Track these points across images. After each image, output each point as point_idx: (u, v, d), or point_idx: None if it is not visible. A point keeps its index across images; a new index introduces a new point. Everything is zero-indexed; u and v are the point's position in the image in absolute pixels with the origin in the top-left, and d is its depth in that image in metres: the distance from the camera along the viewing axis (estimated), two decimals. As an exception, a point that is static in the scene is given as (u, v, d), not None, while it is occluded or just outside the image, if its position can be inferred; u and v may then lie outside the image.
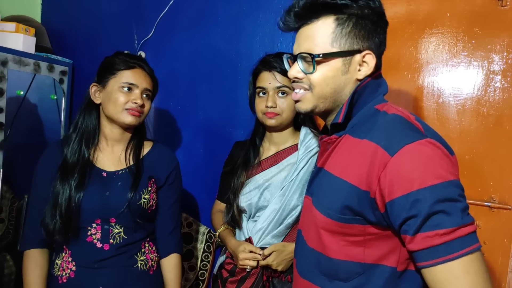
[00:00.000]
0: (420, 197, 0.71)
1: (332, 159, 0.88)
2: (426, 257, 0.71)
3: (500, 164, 1.32)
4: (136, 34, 2.06)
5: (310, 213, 0.91)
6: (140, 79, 1.31)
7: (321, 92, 0.88)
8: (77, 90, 2.27)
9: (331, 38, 0.85)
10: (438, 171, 0.72)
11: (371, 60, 0.85)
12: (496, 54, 1.32)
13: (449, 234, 0.69)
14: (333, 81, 0.87)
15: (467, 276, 0.69)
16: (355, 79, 0.87)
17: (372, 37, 0.86)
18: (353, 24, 0.84)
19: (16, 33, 1.95)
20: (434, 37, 1.42)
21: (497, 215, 1.32)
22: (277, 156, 1.41)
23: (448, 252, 0.69)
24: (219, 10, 1.85)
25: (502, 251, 1.31)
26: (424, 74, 1.43)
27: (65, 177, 1.27)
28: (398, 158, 0.73)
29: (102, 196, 1.28)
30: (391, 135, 0.77)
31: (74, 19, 2.30)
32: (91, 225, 1.28)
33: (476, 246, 0.70)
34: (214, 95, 1.88)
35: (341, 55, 0.85)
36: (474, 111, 1.36)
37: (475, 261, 0.69)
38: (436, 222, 0.70)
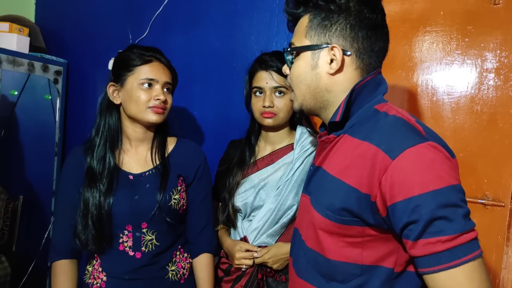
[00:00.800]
0: (421, 202, 0.70)
1: (331, 159, 0.86)
2: (428, 264, 0.70)
3: (494, 161, 1.32)
4: (131, 34, 2.05)
5: (308, 213, 0.90)
6: (159, 73, 1.24)
7: (297, 89, 0.90)
8: (71, 90, 2.26)
9: (305, 32, 0.87)
10: (439, 175, 0.71)
11: (337, 53, 0.84)
12: (489, 52, 1.33)
13: (452, 241, 0.68)
14: (304, 76, 0.88)
15: (471, 283, 0.68)
16: (326, 73, 0.86)
17: (343, 31, 0.84)
18: (322, 18, 0.85)
19: (9, 33, 1.94)
20: (428, 35, 1.42)
21: (491, 212, 1.33)
22: (273, 155, 1.41)
23: (451, 259, 0.68)
24: (214, 9, 1.85)
25: (496, 248, 1.32)
26: (418, 73, 1.44)
27: (93, 184, 1.22)
28: (399, 162, 0.72)
29: (132, 200, 1.23)
30: (392, 138, 0.75)
31: (68, 19, 2.29)
32: (123, 232, 1.23)
33: (478, 253, 0.69)
34: (209, 94, 1.87)
35: (308, 48, 0.86)
36: (468, 109, 1.37)
37: (478, 268, 0.69)
38: (438, 228, 0.69)
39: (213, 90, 1.86)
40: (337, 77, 0.86)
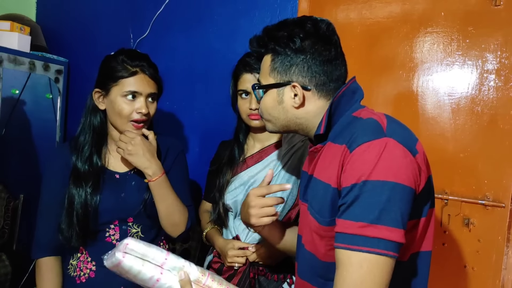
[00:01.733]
0: (353, 188, 0.76)
1: (319, 166, 0.93)
2: (337, 240, 0.78)
3: (494, 162, 1.32)
4: (132, 33, 2.05)
5: (306, 219, 0.95)
6: (143, 85, 1.25)
7: (266, 118, 1.00)
8: (72, 89, 2.26)
9: (268, 71, 0.96)
10: (380, 169, 0.75)
11: (298, 91, 0.91)
12: (490, 53, 1.33)
13: (360, 228, 0.74)
14: (272, 109, 0.97)
15: (358, 269, 0.74)
16: (292, 107, 0.93)
17: (301, 70, 0.91)
18: (281, 60, 0.93)
19: (11, 31, 1.95)
20: (428, 36, 1.42)
21: (491, 213, 1.33)
22: (262, 152, 1.43)
23: (352, 243, 0.75)
24: (215, 9, 1.85)
25: (496, 248, 1.32)
26: (419, 73, 1.44)
27: (78, 183, 1.25)
28: (353, 154, 0.79)
29: (118, 198, 1.28)
30: (355, 135, 0.81)
31: (69, 18, 2.29)
32: (109, 227, 1.28)
33: (380, 252, 0.73)
34: (210, 94, 1.88)
35: (274, 86, 0.95)
36: (468, 110, 1.37)
37: (373, 262, 0.73)
38: (352, 213, 0.76)
39: (214, 90, 1.87)
40: (301, 109, 0.94)
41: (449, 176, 1.39)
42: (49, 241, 1.28)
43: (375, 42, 1.51)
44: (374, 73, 1.51)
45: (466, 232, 1.37)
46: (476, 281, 1.35)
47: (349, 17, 1.56)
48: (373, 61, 1.51)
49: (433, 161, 1.39)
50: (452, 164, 1.38)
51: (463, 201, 1.37)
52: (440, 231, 1.41)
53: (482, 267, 1.34)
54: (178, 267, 0.89)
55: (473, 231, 1.36)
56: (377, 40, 1.50)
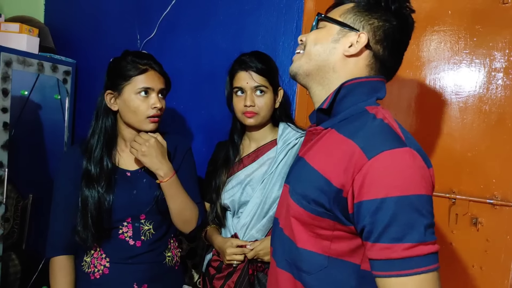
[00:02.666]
0: (384, 206, 0.71)
1: (314, 151, 0.88)
2: (382, 268, 0.72)
3: (502, 161, 1.32)
4: (139, 34, 2.07)
5: (286, 201, 0.92)
6: (155, 81, 1.30)
7: (308, 49, 0.91)
8: (80, 90, 2.28)
9: (343, 12, 0.90)
10: (409, 182, 0.72)
11: (363, 39, 0.86)
12: (498, 52, 1.32)
13: (407, 250, 0.69)
14: (321, 42, 0.90)
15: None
16: (342, 53, 0.88)
17: (378, 31, 0.87)
18: (366, 10, 0.88)
19: (19, 33, 1.97)
20: (435, 35, 1.42)
21: (499, 213, 1.32)
22: (257, 151, 1.44)
23: (403, 267, 0.69)
24: (221, 9, 1.86)
25: (504, 248, 1.31)
26: (426, 72, 1.44)
27: (91, 185, 1.28)
28: (374, 163, 0.73)
29: (131, 195, 1.32)
30: (372, 139, 0.77)
31: (77, 19, 2.31)
32: (122, 224, 1.32)
33: (433, 267, 0.70)
34: (216, 94, 1.88)
35: (339, 24, 0.89)
36: (476, 108, 1.36)
37: (429, 281, 0.70)
38: (396, 234, 0.70)
39: (220, 90, 1.86)
40: (349, 61, 0.88)
41: (457, 175, 1.38)
42: (62, 240, 1.31)
43: (382, 41, 1.50)
44: (380, 72, 1.50)
45: (474, 231, 1.36)
46: (484, 281, 1.34)
47: (356, 16, 1.55)
48: (379, 60, 1.51)
49: (441, 160, 1.40)
50: (460, 163, 1.38)
51: (471, 201, 1.36)
52: (448, 230, 1.40)
53: (490, 267, 1.33)
54: None
55: (481, 231, 1.35)
56: (384, 39, 1.50)
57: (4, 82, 1.82)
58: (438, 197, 1.40)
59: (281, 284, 0.91)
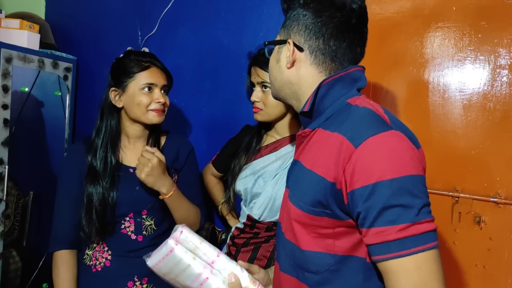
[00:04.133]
0: (377, 190, 0.71)
1: (306, 152, 0.89)
2: (379, 251, 0.72)
3: (507, 159, 1.30)
4: (140, 30, 2.06)
5: (286, 205, 0.92)
6: (158, 77, 1.35)
7: (270, 80, 0.97)
8: (81, 87, 2.27)
9: (281, 28, 0.94)
10: (399, 164, 0.72)
11: (292, 49, 0.88)
12: (503, 48, 1.31)
13: (403, 231, 0.69)
14: (271, 69, 0.95)
15: (419, 272, 0.69)
16: (285, 66, 0.91)
17: (300, 30, 0.88)
18: (288, 17, 0.91)
19: (20, 29, 1.96)
20: (440, 31, 1.40)
21: (503, 211, 1.31)
22: (276, 143, 1.43)
23: (400, 248, 0.70)
24: (222, 6, 1.85)
25: (508, 247, 1.30)
26: (430, 69, 1.42)
27: (95, 181, 1.32)
28: (361, 150, 0.74)
29: (133, 191, 1.34)
30: (357, 127, 0.77)
31: (78, 16, 2.30)
32: (125, 219, 1.35)
33: (431, 245, 0.70)
34: (218, 91, 1.87)
35: (276, 43, 0.93)
36: (480, 106, 1.35)
37: (429, 259, 0.70)
38: (390, 217, 0.70)
39: (222, 87, 1.86)
40: (294, 70, 0.90)
41: (460, 173, 1.37)
42: (66, 234, 1.34)
43: (385, 37, 1.49)
44: (384, 69, 1.49)
45: (477, 230, 1.35)
46: (488, 280, 1.34)
47: (359, 12, 1.54)
48: (383, 57, 1.50)
49: (444, 158, 1.38)
50: (464, 161, 1.36)
51: (475, 199, 1.35)
52: (451, 229, 1.39)
53: (493, 266, 1.32)
54: (229, 270, 0.83)
55: (485, 229, 1.34)
56: (387, 35, 1.49)
57: (5, 78, 1.81)
58: (441, 195, 1.39)
59: (285, 287, 0.92)
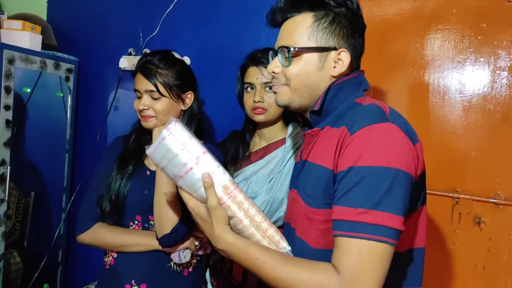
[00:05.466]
0: (351, 173, 0.74)
1: (315, 150, 0.90)
2: (335, 227, 0.75)
3: (506, 160, 1.31)
4: (142, 32, 2.06)
5: (297, 205, 0.93)
6: (140, 84, 1.31)
7: (296, 86, 0.91)
8: (83, 88, 2.28)
9: (308, 32, 0.88)
10: (381, 154, 0.73)
11: (346, 58, 0.88)
12: (503, 50, 1.31)
13: (358, 215, 0.72)
14: (308, 76, 0.89)
15: (359, 256, 0.71)
16: (330, 75, 0.89)
17: (348, 36, 0.89)
18: (330, 21, 0.87)
19: (22, 31, 1.97)
20: (440, 33, 1.41)
21: (503, 212, 1.31)
22: (266, 149, 1.43)
23: (351, 229, 0.72)
24: (224, 7, 1.85)
25: (508, 248, 1.31)
26: (430, 71, 1.43)
27: (120, 166, 1.33)
28: (354, 137, 0.76)
29: (142, 194, 1.31)
30: (357, 119, 0.79)
31: (79, 17, 2.31)
32: (133, 222, 1.33)
33: (380, 238, 0.71)
34: (219, 92, 1.88)
35: (316, 50, 0.88)
36: (480, 107, 1.35)
37: (373, 249, 0.71)
38: (352, 199, 0.73)
39: (223, 88, 1.87)
40: (335, 78, 0.90)
41: (460, 174, 1.38)
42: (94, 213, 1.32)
43: (386, 39, 1.50)
44: (384, 71, 1.50)
45: (477, 231, 1.36)
46: (487, 281, 1.34)
47: (359, 14, 1.55)
48: (383, 59, 1.50)
49: (444, 159, 1.39)
50: (464, 162, 1.37)
51: (475, 200, 1.35)
52: (451, 230, 1.39)
53: (493, 267, 1.33)
54: (210, 169, 0.84)
55: (484, 230, 1.35)
56: (388, 37, 1.49)
57: (7, 79, 1.82)
58: (441, 196, 1.40)
59: None
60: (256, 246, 0.83)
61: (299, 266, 0.77)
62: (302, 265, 0.78)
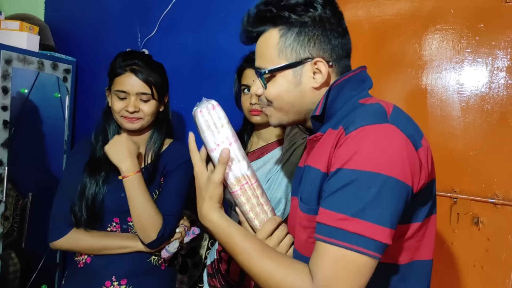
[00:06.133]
0: (337, 175, 0.70)
1: (313, 154, 0.85)
2: (317, 230, 0.71)
3: (504, 160, 1.32)
4: (140, 32, 2.06)
5: (295, 213, 0.89)
6: (130, 85, 1.28)
7: (278, 106, 0.87)
8: (80, 88, 2.27)
9: (277, 50, 0.84)
10: (369, 158, 0.68)
11: (323, 67, 0.82)
12: (500, 51, 1.32)
13: (338, 221, 0.67)
14: (287, 94, 0.85)
15: (333, 263, 0.67)
16: (311, 88, 0.84)
17: (321, 42, 0.83)
18: (297, 33, 0.82)
19: (20, 31, 1.96)
20: (438, 33, 1.42)
21: (501, 212, 1.32)
22: (263, 149, 1.44)
23: (330, 235, 0.68)
24: (222, 7, 1.85)
25: (506, 247, 1.31)
26: (428, 71, 1.43)
27: (92, 172, 1.30)
28: (348, 137, 0.71)
29: (118, 197, 1.29)
30: (355, 118, 0.74)
31: (77, 17, 2.31)
32: (111, 224, 1.33)
33: (359, 249, 0.65)
34: (217, 93, 1.87)
35: (289, 67, 0.83)
36: (478, 107, 1.36)
37: (349, 260, 0.66)
38: (335, 203, 0.69)
39: (221, 89, 1.86)
40: (322, 89, 0.84)
41: (459, 174, 1.38)
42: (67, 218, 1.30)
43: (384, 40, 1.50)
44: (382, 71, 1.50)
45: (476, 231, 1.36)
46: (486, 280, 1.34)
47: (357, 15, 1.55)
48: (381, 59, 1.51)
49: (443, 160, 1.39)
50: (462, 162, 1.38)
51: (473, 200, 1.36)
52: (449, 230, 1.40)
53: (491, 266, 1.33)
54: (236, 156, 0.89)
55: (483, 230, 1.35)
56: (386, 38, 1.50)
57: (4, 80, 1.81)
58: (439, 196, 1.40)
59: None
60: (238, 231, 0.81)
61: (275, 263, 0.75)
62: (279, 261, 0.75)
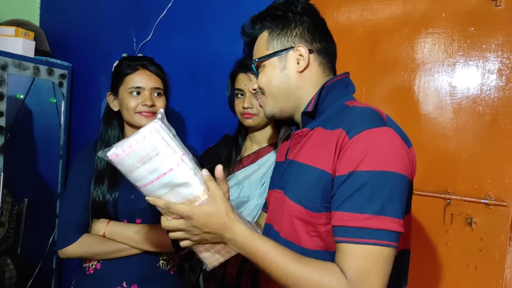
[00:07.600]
0: (351, 177, 0.75)
1: (304, 150, 0.92)
2: (338, 234, 0.76)
3: (496, 161, 1.33)
4: (135, 37, 2.07)
5: (282, 205, 0.93)
6: (145, 80, 1.34)
7: (269, 92, 0.97)
8: (76, 94, 2.28)
9: (266, 44, 0.96)
10: (382, 159, 0.75)
11: (303, 50, 0.92)
12: (491, 53, 1.34)
13: (363, 221, 0.73)
14: (275, 78, 0.95)
15: (365, 261, 0.73)
16: (296, 72, 0.93)
17: (303, 34, 0.94)
18: (281, 28, 0.95)
19: (15, 37, 1.97)
20: (430, 37, 1.44)
21: (493, 212, 1.33)
22: (257, 153, 1.44)
23: (355, 236, 0.74)
24: (217, 12, 1.87)
25: (498, 247, 1.32)
26: (421, 74, 1.45)
27: (99, 182, 1.31)
28: (353, 141, 0.77)
29: (128, 199, 1.31)
30: (356, 122, 0.81)
31: (72, 23, 2.31)
32: None
33: (384, 243, 0.73)
34: (213, 97, 1.89)
35: (274, 55, 0.95)
36: (470, 109, 1.38)
37: (378, 254, 0.73)
38: (355, 204, 0.74)
39: (217, 93, 1.88)
40: (306, 73, 0.93)
41: (452, 175, 1.40)
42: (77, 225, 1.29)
43: (377, 43, 1.52)
44: (375, 74, 1.52)
45: (469, 231, 1.37)
46: (479, 280, 1.36)
47: (351, 18, 1.57)
48: (374, 62, 1.52)
49: (436, 161, 1.41)
50: (455, 163, 1.39)
51: (466, 201, 1.37)
52: (443, 230, 1.41)
53: (485, 266, 1.35)
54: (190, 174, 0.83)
55: (476, 230, 1.36)
56: (379, 41, 1.52)
57: (0, 85, 1.82)
58: (433, 198, 1.42)
59: None
60: (266, 240, 0.83)
61: (310, 266, 0.78)
62: (311, 264, 0.79)
